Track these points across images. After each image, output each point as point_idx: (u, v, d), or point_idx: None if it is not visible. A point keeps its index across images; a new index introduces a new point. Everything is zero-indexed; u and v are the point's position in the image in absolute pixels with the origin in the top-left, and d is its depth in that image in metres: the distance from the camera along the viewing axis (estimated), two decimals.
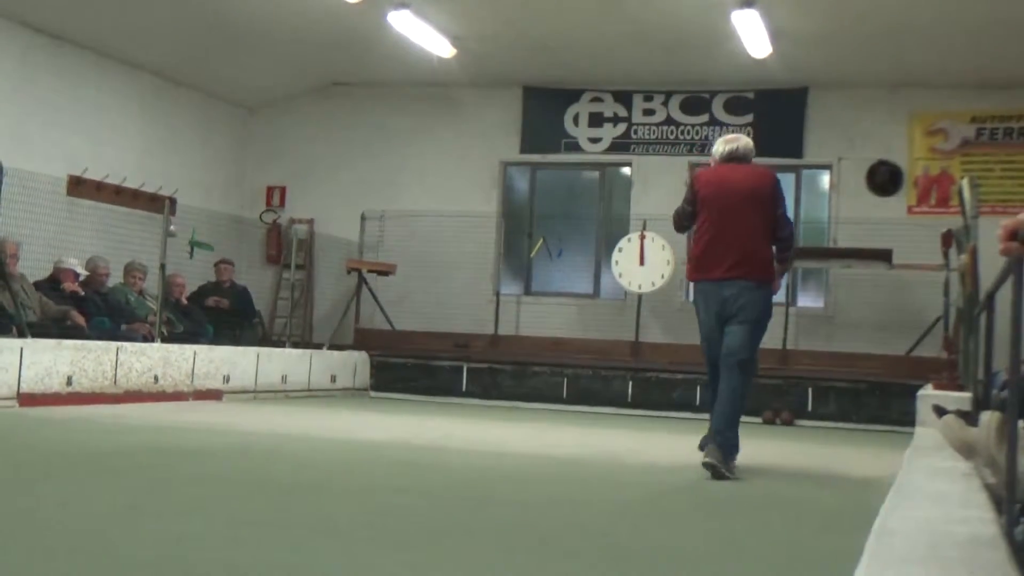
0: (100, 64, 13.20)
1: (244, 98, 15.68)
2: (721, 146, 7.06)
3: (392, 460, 6.64)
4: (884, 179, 13.93)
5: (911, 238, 13.17)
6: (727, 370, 6.55)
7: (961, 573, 2.24)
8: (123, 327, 10.96)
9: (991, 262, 5.40)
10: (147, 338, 10.81)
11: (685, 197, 6.95)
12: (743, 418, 6.63)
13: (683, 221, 7.00)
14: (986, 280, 6.32)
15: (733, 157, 6.97)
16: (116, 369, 9.77)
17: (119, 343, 10.03)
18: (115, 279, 11.82)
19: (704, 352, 6.89)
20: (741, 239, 6.64)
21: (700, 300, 6.77)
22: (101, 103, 13.26)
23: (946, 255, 11.86)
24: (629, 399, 13.02)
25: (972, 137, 13.71)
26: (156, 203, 12.16)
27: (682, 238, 14.05)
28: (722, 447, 6.27)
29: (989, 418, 4.18)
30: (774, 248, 6.80)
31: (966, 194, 9.39)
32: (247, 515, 4.17)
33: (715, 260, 6.64)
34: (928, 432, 7.28)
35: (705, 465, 6.15)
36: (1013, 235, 2.60)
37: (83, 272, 11.28)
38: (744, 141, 7.08)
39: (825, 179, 14.38)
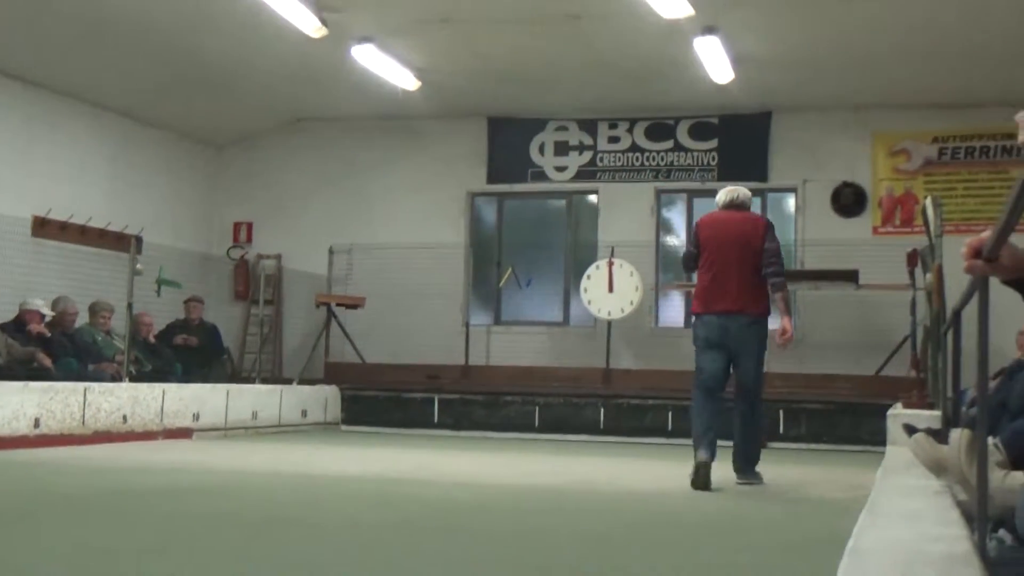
0: (65, 105, 13.14)
1: (211, 136, 15.64)
2: (723, 196, 7.94)
3: (365, 494, 6.60)
4: (849, 200, 14.03)
5: (877, 258, 13.26)
6: (745, 403, 7.57)
7: None
8: (91, 367, 10.87)
9: (956, 280, 5.44)
10: (115, 378, 10.73)
11: (689, 240, 7.79)
12: (720, 442, 7.36)
13: (689, 262, 7.81)
14: (952, 298, 6.35)
15: (732, 205, 7.80)
16: (84, 410, 9.69)
17: (87, 384, 9.95)
18: (82, 319, 11.73)
19: (697, 377, 7.58)
20: (737, 278, 7.40)
21: (702, 330, 7.51)
22: (66, 144, 13.20)
23: (912, 274, 11.95)
24: (601, 426, 13.01)
25: (934, 157, 13.83)
26: (122, 242, 12.10)
27: (649, 264, 14.19)
28: (750, 461, 7.48)
29: (959, 435, 4.20)
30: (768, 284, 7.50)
31: (930, 213, 9.46)
32: (220, 554, 4.13)
33: (716, 296, 7.41)
34: (899, 451, 7.30)
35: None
36: (977, 253, 2.62)
37: (49, 313, 11.19)
38: (743, 192, 7.89)
39: (791, 202, 14.47)
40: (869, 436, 11.40)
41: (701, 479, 7.00)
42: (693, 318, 7.78)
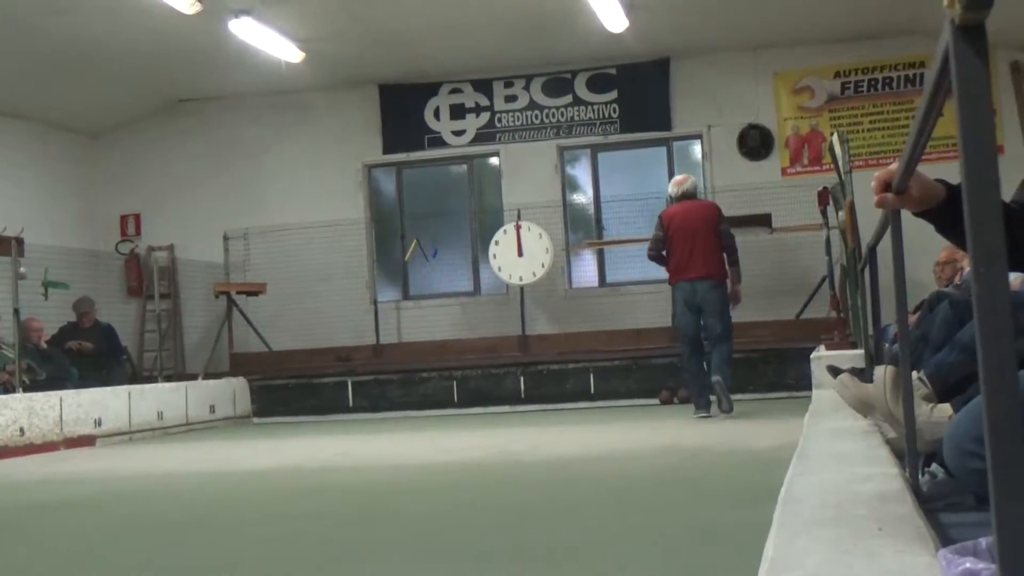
0: None
1: (84, 124, 15.35)
2: (675, 188, 10.22)
3: (282, 486, 6.57)
4: (755, 143, 14.22)
5: (788, 200, 13.46)
6: (716, 345, 9.87)
7: (870, 530, 2.29)
8: None
9: (870, 216, 5.55)
10: (8, 389, 10.53)
11: (657, 231, 10.02)
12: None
13: (658, 247, 10.00)
14: (866, 234, 6.48)
15: (685, 196, 10.14)
16: None
17: None
18: None
19: (680, 331, 10.11)
20: (703, 253, 9.79)
21: (679, 294, 9.92)
22: None
23: (824, 213, 12.15)
24: (522, 395, 13.06)
25: (838, 92, 14.06)
26: (2, 245, 11.82)
27: (558, 224, 14.25)
28: (726, 392, 9.66)
29: (883, 372, 4.29)
30: (724, 256, 9.90)
31: (837, 150, 9.63)
32: (133, 563, 4.09)
33: (688, 267, 9.80)
34: (825, 394, 7.45)
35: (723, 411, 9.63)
36: (887, 186, 2.67)
37: None
38: (691, 181, 10.41)
39: (697, 149, 14.62)
40: (794, 381, 11.58)
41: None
42: (671, 288, 10.09)
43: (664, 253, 9.97)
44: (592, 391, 12.72)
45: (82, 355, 12.77)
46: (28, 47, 12.40)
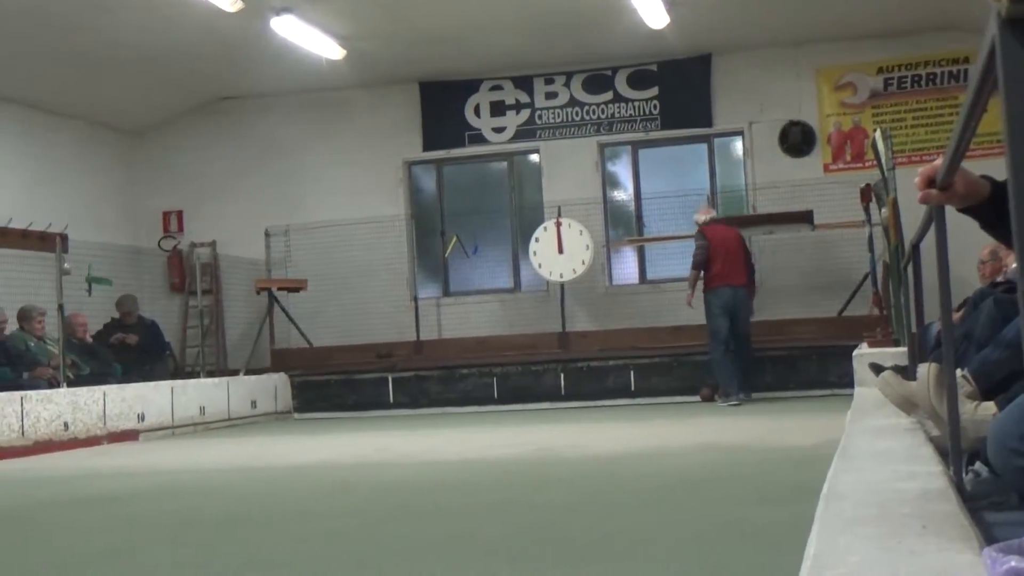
0: None
1: (129, 122, 15.46)
2: (703, 217, 12.12)
3: (323, 483, 6.59)
4: (797, 140, 14.13)
5: (830, 197, 13.37)
6: (745, 345, 11.87)
7: (914, 528, 2.27)
8: (25, 375, 10.76)
9: (913, 213, 5.50)
10: (52, 384, 10.62)
11: (700, 245, 11.76)
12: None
13: (705, 255, 11.72)
14: (909, 231, 6.43)
15: (715, 220, 12.16)
16: (22, 420, 9.59)
17: (23, 392, 9.84)
18: (11, 325, 11.58)
19: (718, 332, 11.64)
20: (740, 265, 11.83)
21: (719, 299, 11.65)
22: None
23: (867, 210, 12.05)
24: (562, 392, 13.06)
25: (880, 88, 13.95)
26: (47, 242, 11.92)
27: (598, 221, 14.22)
28: (749, 386, 11.74)
29: (927, 370, 4.26)
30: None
31: (880, 146, 9.55)
32: (177, 557, 4.12)
33: (730, 275, 11.66)
34: (867, 392, 7.39)
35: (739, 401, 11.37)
36: (930, 182, 2.64)
37: None
38: (714, 212, 12.45)
39: (738, 145, 14.55)
40: (836, 379, 11.54)
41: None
42: (706, 293, 11.75)
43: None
44: (632, 388, 12.70)
45: (126, 350, 12.87)
46: (73, 46, 12.51)
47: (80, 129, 14.71)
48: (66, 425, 10.09)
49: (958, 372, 3.90)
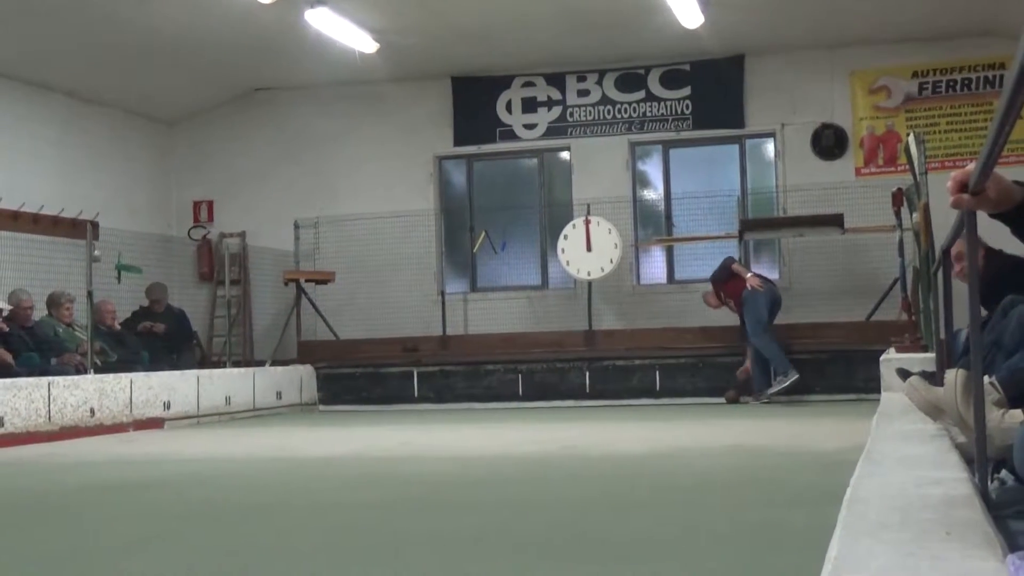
0: (7, 88, 13.04)
1: (162, 112, 15.55)
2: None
3: (347, 474, 6.62)
4: (829, 142, 14.07)
5: (861, 200, 13.32)
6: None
7: (938, 534, 2.27)
8: (53, 361, 10.83)
9: (944, 218, 5.48)
10: (79, 370, 10.69)
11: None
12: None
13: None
14: (940, 237, 6.40)
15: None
16: (49, 405, 9.66)
17: (50, 378, 9.91)
18: (39, 311, 11.66)
19: (766, 324, 12.18)
20: None
21: (768, 295, 12.16)
22: (11, 128, 13.10)
23: (898, 214, 12.00)
24: (587, 390, 13.06)
25: (915, 92, 13.87)
26: (78, 229, 12.01)
27: (627, 220, 14.19)
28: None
29: (954, 376, 4.24)
30: None
31: (913, 150, 9.50)
32: (205, 545, 4.15)
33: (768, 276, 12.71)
34: (894, 396, 7.36)
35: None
36: (963, 187, 2.64)
37: (6, 307, 11.12)
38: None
39: (770, 147, 14.50)
40: (863, 383, 11.49)
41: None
42: (752, 289, 12.19)
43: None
44: (657, 388, 12.69)
45: (153, 338, 12.94)
46: (109, 36, 12.58)
47: (115, 118, 14.80)
48: (92, 411, 10.16)
49: (985, 379, 3.89)
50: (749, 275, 12.22)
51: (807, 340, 12.78)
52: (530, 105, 14.92)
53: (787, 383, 11.78)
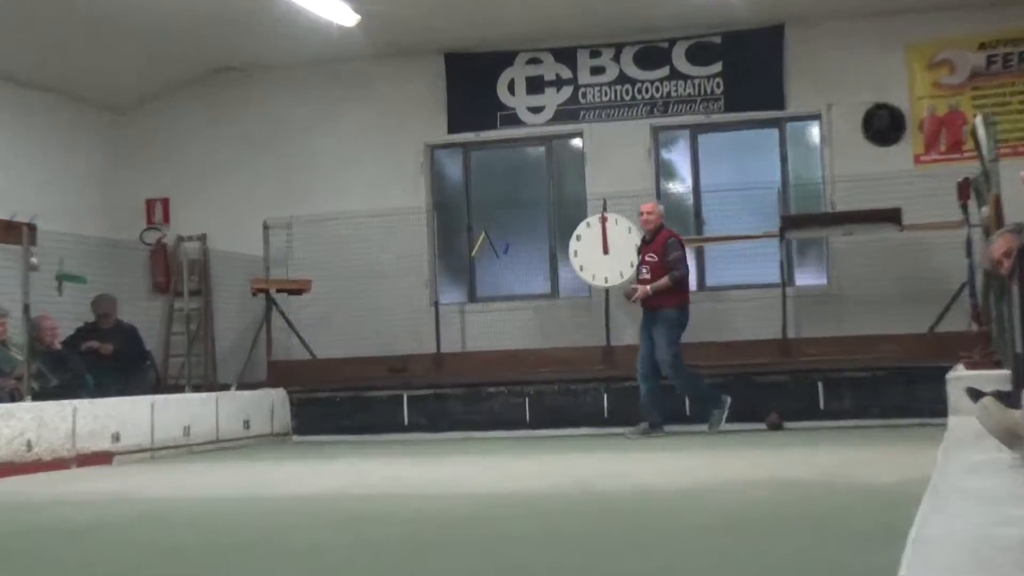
0: None
1: (111, 97, 15.54)
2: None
3: (324, 515, 6.58)
4: (884, 125, 14.04)
5: (922, 192, 13.29)
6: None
7: None
8: None
9: (1018, 211, 5.44)
10: (15, 396, 10.66)
11: (683, 250, 12.19)
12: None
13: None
14: None
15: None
16: None
17: None
18: None
19: (680, 357, 11.97)
20: None
21: (686, 320, 12.06)
22: None
23: (965, 208, 11.98)
24: (606, 415, 13.02)
25: (982, 67, 13.85)
26: (12, 232, 11.97)
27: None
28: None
29: None
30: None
31: (981, 134, 9.50)
32: None
33: None
34: (963, 421, 7.34)
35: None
36: None
37: None
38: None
39: (814, 131, 14.49)
40: (926, 406, 11.42)
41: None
42: (678, 312, 11.97)
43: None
44: (687, 412, 12.64)
45: (100, 359, 12.91)
46: (48, 9, 12.57)
47: (54, 104, 14.78)
48: (29, 444, 10.11)
49: None
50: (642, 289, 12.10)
51: (859, 356, 12.75)
52: (536, 85, 14.91)
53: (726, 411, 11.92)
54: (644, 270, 12.09)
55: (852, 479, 7.27)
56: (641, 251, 12.29)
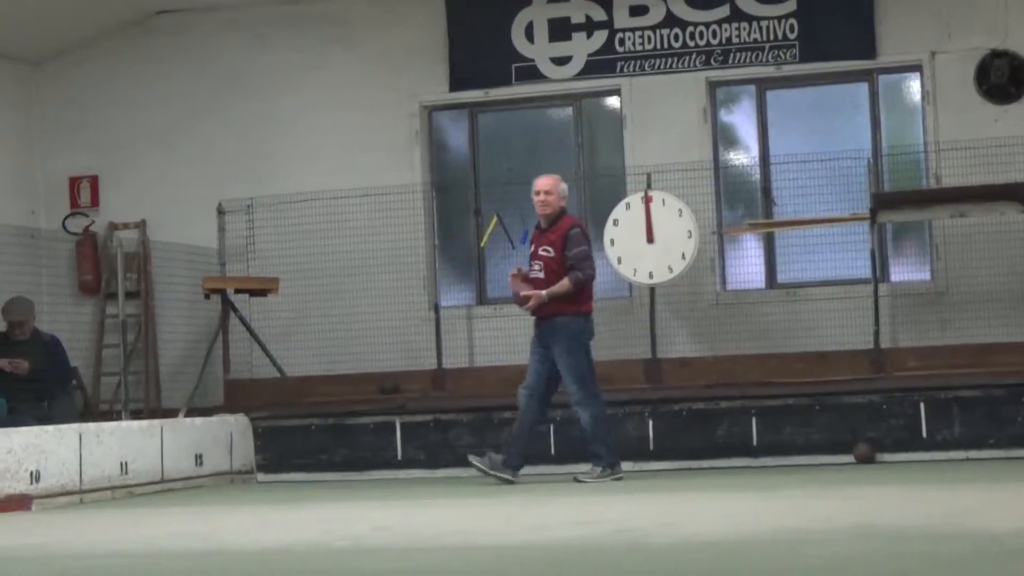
0: None
1: (23, 47, 15.55)
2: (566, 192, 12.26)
3: (301, 574, 6.60)
4: (1002, 79, 14.02)
5: None
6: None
7: None
8: None
9: None
10: None
11: (588, 244, 11.88)
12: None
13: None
14: None
15: None
16: None
17: None
18: None
19: (594, 380, 11.96)
20: None
21: (590, 327, 12.00)
22: None
23: None
24: (651, 446, 13.02)
25: None
26: None
27: (706, 196, 14.17)
28: None
29: None
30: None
31: None
32: None
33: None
34: None
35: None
36: None
37: None
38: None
39: (914, 86, 14.47)
40: None
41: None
42: (582, 319, 11.86)
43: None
44: (754, 442, 12.64)
45: (13, 379, 12.94)
46: None
47: None
48: None
49: None
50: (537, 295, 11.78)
51: (972, 371, 12.73)
52: (561, 30, 14.91)
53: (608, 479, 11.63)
54: (536, 267, 11.78)
55: (963, 526, 7.27)
56: (534, 241, 12.02)
